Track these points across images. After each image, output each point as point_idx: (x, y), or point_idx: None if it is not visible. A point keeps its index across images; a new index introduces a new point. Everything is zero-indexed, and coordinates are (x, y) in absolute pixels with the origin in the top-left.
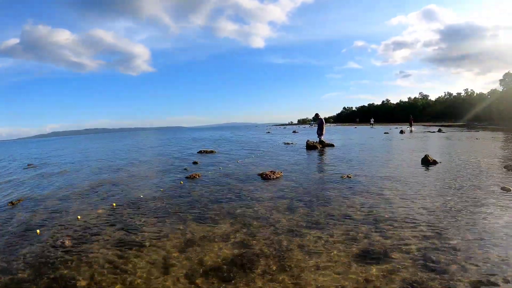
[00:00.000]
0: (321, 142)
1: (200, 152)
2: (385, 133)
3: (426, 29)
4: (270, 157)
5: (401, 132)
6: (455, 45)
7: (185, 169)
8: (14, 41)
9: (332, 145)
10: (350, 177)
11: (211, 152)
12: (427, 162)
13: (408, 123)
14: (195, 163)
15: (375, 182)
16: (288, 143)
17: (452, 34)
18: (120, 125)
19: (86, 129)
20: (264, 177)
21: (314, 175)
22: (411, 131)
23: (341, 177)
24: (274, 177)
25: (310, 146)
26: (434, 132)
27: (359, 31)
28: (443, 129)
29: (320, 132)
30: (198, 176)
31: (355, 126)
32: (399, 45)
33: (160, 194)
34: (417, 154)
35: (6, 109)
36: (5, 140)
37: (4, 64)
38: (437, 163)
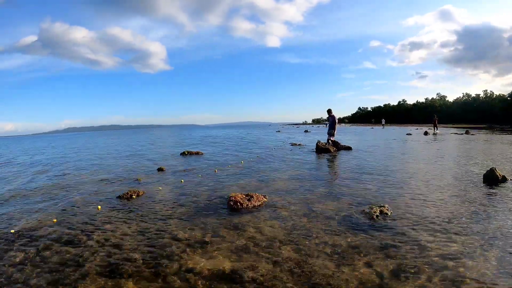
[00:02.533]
0: (334, 143)
1: (183, 153)
2: (407, 134)
3: (443, 30)
4: (265, 164)
5: (425, 133)
6: (472, 46)
7: (137, 180)
8: (32, 38)
9: (349, 148)
10: (386, 213)
11: (197, 153)
12: (493, 179)
13: (431, 124)
14: (160, 169)
15: (434, 230)
16: (295, 144)
17: (469, 35)
18: (135, 122)
19: (101, 126)
20: (233, 206)
21: (322, 204)
22: (435, 133)
23: (370, 212)
24: (250, 206)
25: (321, 149)
26: (461, 134)
27: (375, 31)
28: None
29: (331, 132)
30: (138, 195)
31: (372, 127)
32: (415, 46)
33: (42, 232)
34: (465, 164)
35: (23, 104)
36: (21, 135)
37: (22, 60)
38: (507, 180)
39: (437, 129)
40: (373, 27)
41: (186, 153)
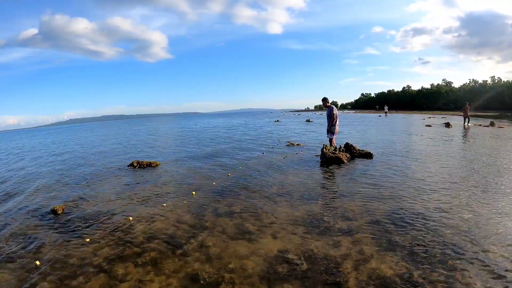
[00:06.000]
0: (347, 148)
1: (132, 165)
2: (426, 126)
3: (446, 16)
4: (235, 197)
5: (448, 125)
6: (475, 33)
7: None
8: (32, 31)
9: (368, 155)
10: None
11: (149, 165)
12: None
13: (439, 112)
14: (54, 212)
15: None
16: (293, 144)
17: (472, 21)
18: (137, 111)
19: (103, 116)
20: None
21: None
22: (465, 127)
23: None
24: None
25: (329, 159)
26: (487, 126)
27: (377, 17)
28: (485, 121)
29: (331, 129)
30: None
31: (379, 115)
32: (418, 32)
33: None
34: None
35: (25, 98)
36: (24, 128)
37: (23, 54)
38: None
39: (468, 120)
40: (375, 13)
41: (136, 164)
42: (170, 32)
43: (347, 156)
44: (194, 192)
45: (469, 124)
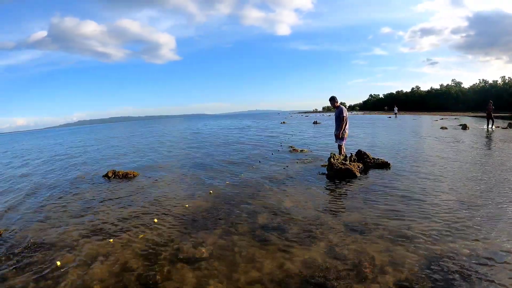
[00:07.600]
0: (359, 156)
1: (107, 176)
2: (441, 128)
3: (454, 16)
4: (200, 235)
5: (464, 127)
6: (483, 33)
7: None
8: (42, 33)
9: (385, 165)
10: None
11: (125, 176)
12: None
13: (449, 113)
14: None
15: None
16: (296, 150)
17: (480, 21)
18: (145, 112)
19: (112, 118)
20: None
21: None
22: (488, 129)
23: None
24: None
25: (338, 172)
26: (505, 128)
27: (385, 18)
28: (498, 122)
29: (341, 133)
30: None
31: (389, 116)
32: (426, 32)
33: None
34: None
35: (34, 99)
36: (33, 130)
37: (32, 55)
38: None
39: (493, 123)
40: (383, 13)
41: (111, 175)
42: (178, 34)
43: (360, 167)
44: (156, 219)
45: (492, 127)
